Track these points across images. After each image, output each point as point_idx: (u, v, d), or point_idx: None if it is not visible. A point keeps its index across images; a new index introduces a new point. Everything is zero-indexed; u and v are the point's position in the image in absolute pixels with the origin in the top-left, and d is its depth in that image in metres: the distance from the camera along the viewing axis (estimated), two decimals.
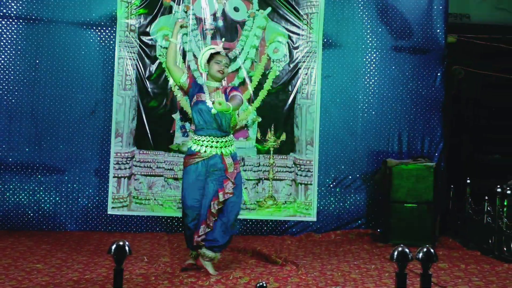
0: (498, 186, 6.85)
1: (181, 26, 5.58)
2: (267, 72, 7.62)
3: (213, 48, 5.59)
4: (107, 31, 7.47)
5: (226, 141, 5.47)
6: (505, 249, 6.57)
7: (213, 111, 5.20)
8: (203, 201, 5.39)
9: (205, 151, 5.41)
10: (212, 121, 5.39)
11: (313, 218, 7.62)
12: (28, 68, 7.38)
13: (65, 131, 7.41)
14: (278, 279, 5.27)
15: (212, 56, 5.54)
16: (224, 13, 7.58)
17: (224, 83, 6.27)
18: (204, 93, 5.46)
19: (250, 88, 7.55)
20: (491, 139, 10.50)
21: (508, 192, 6.70)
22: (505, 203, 6.65)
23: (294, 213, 7.62)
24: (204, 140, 5.42)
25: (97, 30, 7.47)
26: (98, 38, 7.47)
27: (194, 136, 5.50)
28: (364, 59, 7.74)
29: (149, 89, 7.50)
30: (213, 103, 5.12)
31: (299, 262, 5.95)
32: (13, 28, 7.35)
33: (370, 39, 7.73)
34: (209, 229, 5.37)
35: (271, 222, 7.59)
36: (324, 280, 5.38)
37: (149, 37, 7.51)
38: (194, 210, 5.39)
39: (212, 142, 5.42)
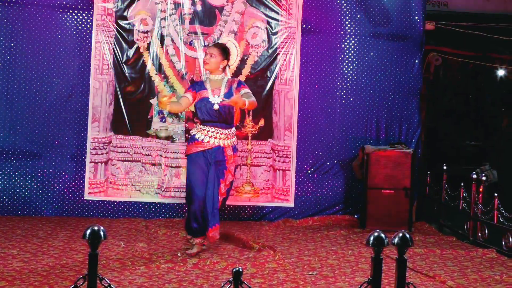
0: (474, 172, 6.94)
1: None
2: (245, 57, 7.59)
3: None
4: (83, 14, 7.37)
5: (229, 134, 5.68)
6: (479, 234, 6.66)
7: (216, 107, 5.54)
8: (206, 190, 5.59)
9: (208, 141, 5.62)
10: (216, 115, 5.60)
11: (290, 204, 7.64)
12: (2, 52, 7.25)
13: (41, 116, 7.31)
14: (255, 264, 5.29)
15: None
16: None
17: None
18: (206, 89, 5.68)
19: (228, 73, 7.50)
20: (467, 126, 10.62)
21: (483, 178, 6.78)
22: (480, 189, 6.73)
23: (272, 199, 7.63)
24: (209, 131, 5.63)
25: (73, 14, 7.36)
26: (75, 22, 7.37)
27: (198, 125, 5.73)
28: (343, 46, 7.73)
29: (127, 74, 7.43)
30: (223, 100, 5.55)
31: (277, 248, 5.96)
32: None
33: (348, 25, 7.72)
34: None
35: (249, 208, 7.59)
36: (301, 265, 5.41)
37: (127, 21, 7.43)
38: (201, 197, 5.58)
39: (217, 133, 5.63)
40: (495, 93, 10.72)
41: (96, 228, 3.26)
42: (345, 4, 7.70)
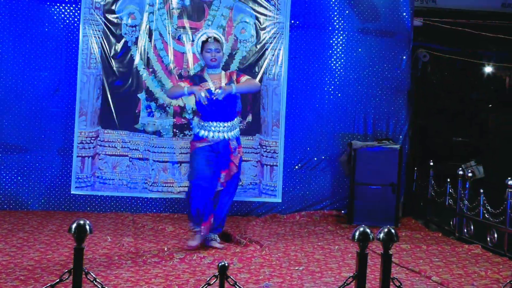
0: (460, 168, 6.98)
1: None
2: (234, 52, 7.58)
3: (203, 35, 5.72)
4: (71, 8, 7.34)
5: (231, 125, 5.66)
6: (465, 230, 6.70)
7: (220, 97, 5.47)
8: (213, 183, 5.59)
9: (212, 136, 5.60)
10: (217, 108, 5.56)
11: (278, 199, 7.65)
12: None
13: (28, 109, 7.27)
14: (242, 259, 5.29)
15: (203, 45, 5.69)
16: None
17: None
18: (206, 81, 5.65)
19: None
20: (455, 122, 10.67)
21: (469, 174, 6.82)
22: (467, 186, 6.77)
23: (260, 194, 7.64)
24: (211, 126, 5.60)
25: (61, 7, 7.32)
26: (62, 15, 7.33)
27: (200, 122, 5.67)
28: (331, 41, 7.74)
29: (114, 68, 7.40)
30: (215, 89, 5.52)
31: (263, 243, 5.97)
32: None
33: (337, 21, 7.73)
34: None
35: (236, 203, 7.57)
36: (288, 260, 5.41)
37: (115, 15, 7.39)
38: (206, 188, 5.54)
39: (219, 127, 5.61)
40: (483, 90, 10.78)
41: (81, 222, 3.24)
42: (333, 0, 7.70)
